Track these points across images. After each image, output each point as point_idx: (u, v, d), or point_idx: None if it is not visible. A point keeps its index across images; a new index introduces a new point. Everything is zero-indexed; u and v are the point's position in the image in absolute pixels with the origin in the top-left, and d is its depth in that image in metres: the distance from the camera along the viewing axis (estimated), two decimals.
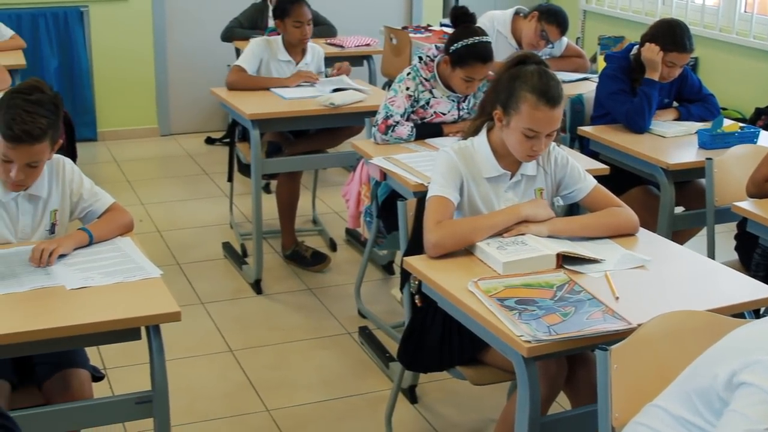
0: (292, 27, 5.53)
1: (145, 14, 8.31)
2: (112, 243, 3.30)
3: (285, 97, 5.35)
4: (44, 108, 3.10)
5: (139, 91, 8.48)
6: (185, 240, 6.11)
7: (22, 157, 3.09)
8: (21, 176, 3.13)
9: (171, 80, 8.55)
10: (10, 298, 2.90)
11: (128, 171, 7.55)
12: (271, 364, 4.59)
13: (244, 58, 5.66)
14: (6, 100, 3.11)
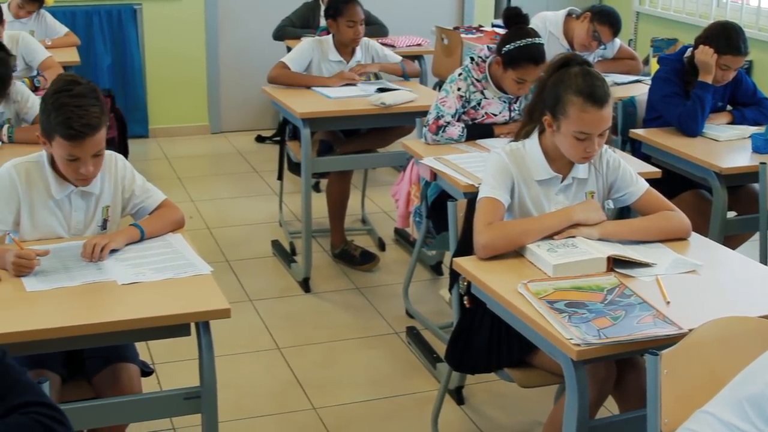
0: (344, 27, 5.54)
1: (198, 12, 8.37)
2: (163, 239, 3.32)
3: (330, 96, 5.36)
4: (90, 98, 3.12)
5: (191, 89, 8.53)
6: (235, 237, 6.14)
7: (89, 149, 3.12)
8: (90, 168, 3.16)
9: (222, 78, 8.60)
10: (62, 293, 2.92)
11: (179, 168, 7.60)
12: (318, 362, 4.60)
13: (292, 56, 5.68)
14: (50, 102, 3.12)
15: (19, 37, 5.97)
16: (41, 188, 3.26)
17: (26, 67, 5.93)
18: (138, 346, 3.41)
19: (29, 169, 3.27)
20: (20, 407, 2.02)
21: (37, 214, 3.28)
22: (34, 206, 3.26)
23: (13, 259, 2.99)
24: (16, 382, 2.07)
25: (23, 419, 2.00)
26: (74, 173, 3.18)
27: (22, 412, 2.01)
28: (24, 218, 3.26)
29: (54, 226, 3.31)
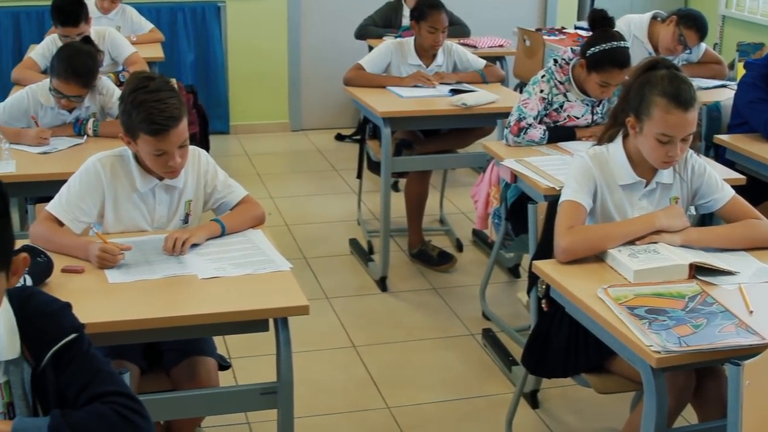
0: (425, 31, 5.52)
1: (280, 10, 8.43)
2: (244, 235, 3.34)
3: (402, 95, 5.35)
4: (166, 90, 3.16)
5: (272, 87, 8.60)
6: (313, 235, 6.17)
7: (174, 141, 3.16)
8: (178, 160, 3.20)
9: (303, 76, 8.65)
10: (144, 285, 2.96)
11: (259, 164, 7.66)
12: (393, 361, 4.60)
13: (370, 57, 5.68)
14: (130, 101, 3.16)
15: (105, 32, 6.05)
16: (125, 182, 3.31)
17: (112, 62, 6.02)
18: (215, 340, 3.44)
19: (114, 162, 3.31)
20: (101, 396, 2.05)
21: (121, 207, 3.32)
22: (118, 199, 3.31)
23: (97, 252, 3.04)
24: (99, 371, 2.10)
25: (103, 408, 2.03)
26: (163, 167, 3.22)
27: (103, 401, 2.04)
28: (108, 211, 3.31)
29: (137, 219, 3.35)
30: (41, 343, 2.09)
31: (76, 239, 3.20)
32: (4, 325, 2.07)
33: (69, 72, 4.37)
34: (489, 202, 4.64)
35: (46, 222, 3.22)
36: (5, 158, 4.19)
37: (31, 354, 2.10)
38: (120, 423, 2.02)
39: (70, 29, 5.58)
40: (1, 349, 2.08)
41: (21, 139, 4.42)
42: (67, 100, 4.46)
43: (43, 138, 4.42)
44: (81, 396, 2.06)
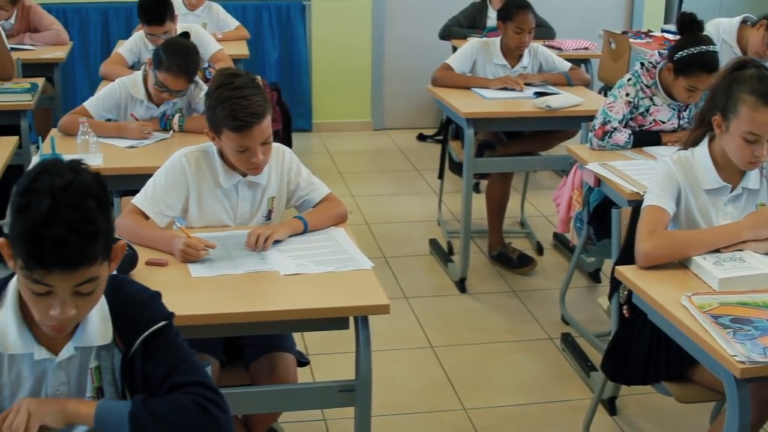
0: (512, 32, 5.50)
1: (365, 10, 8.46)
2: (326, 232, 3.36)
3: (486, 97, 5.33)
4: (251, 87, 3.19)
5: (355, 86, 8.63)
6: (393, 234, 6.17)
7: (257, 138, 3.18)
8: (261, 156, 3.22)
9: (386, 76, 8.66)
10: (226, 280, 2.99)
11: (340, 163, 7.69)
12: (470, 363, 4.59)
13: (456, 57, 5.68)
14: (215, 97, 3.20)
15: (192, 29, 6.11)
16: (209, 177, 3.34)
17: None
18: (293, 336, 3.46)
19: (199, 157, 3.35)
20: (183, 386, 2.09)
21: (205, 202, 3.36)
22: (202, 194, 3.35)
23: (181, 246, 3.07)
24: (184, 360, 2.14)
25: (184, 398, 2.06)
26: (246, 163, 3.25)
27: (184, 391, 2.08)
28: (192, 206, 3.35)
29: (220, 214, 3.38)
30: (132, 330, 2.14)
31: (161, 232, 3.24)
32: (97, 312, 2.12)
33: (180, 67, 4.44)
34: (571, 205, 4.61)
35: (132, 215, 3.27)
36: (93, 151, 4.26)
37: (122, 340, 2.15)
38: (199, 414, 2.05)
39: (155, 27, 5.67)
40: (95, 335, 2.13)
41: (122, 132, 4.50)
42: (169, 93, 4.53)
43: (145, 131, 4.49)
44: (164, 383, 2.10)
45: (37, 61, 6.51)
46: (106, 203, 1.99)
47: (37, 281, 1.93)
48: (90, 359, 2.16)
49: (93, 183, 1.97)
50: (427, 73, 5.71)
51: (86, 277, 1.95)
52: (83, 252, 1.91)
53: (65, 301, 1.97)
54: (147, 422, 2.04)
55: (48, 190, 1.90)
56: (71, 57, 7.52)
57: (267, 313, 2.85)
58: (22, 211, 1.90)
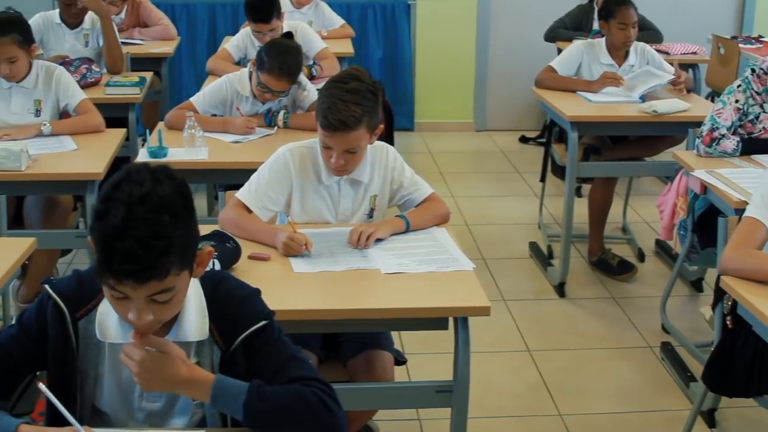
0: (615, 29, 5.44)
1: (470, 10, 8.44)
2: (428, 232, 3.36)
3: (591, 100, 5.27)
4: (361, 96, 3.17)
5: (458, 86, 8.62)
6: (492, 236, 6.15)
7: (340, 144, 3.20)
8: (340, 162, 3.23)
9: (490, 77, 8.64)
10: (327, 276, 3.01)
11: (441, 163, 7.69)
12: (567, 368, 4.55)
13: (560, 59, 5.63)
14: (326, 87, 3.23)
15: (298, 27, 6.18)
16: (312, 173, 3.37)
17: (303, 56, 6.12)
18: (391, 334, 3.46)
19: (303, 153, 3.37)
20: (300, 380, 2.09)
21: (308, 197, 3.38)
22: (305, 190, 3.37)
23: (284, 239, 3.10)
24: (292, 358, 2.15)
25: (304, 389, 2.07)
26: (327, 160, 3.28)
27: (303, 384, 2.08)
28: (295, 201, 3.38)
29: (322, 210, 3.41)
30: (232, 328, 2.15)
31: (265, 225, 3.28)
32: (194, 308, 2.14)
33: (282, 69, 4.48)
34: (675, 212, 4.53)
35: (236, 208, 3.31)
36: (198, 145, 4.32)
37: (221, 337, 2.16)
38: (319, 406, 2.06)
39: (262, 25, 5.74)
40: (191, 331, 2.14)
41: (228, 127, 4.57)
42: (271, 94, 4.58)
43: (250, 127, 4.55)
44: (275, 380, 2.10)
45: (146, 55, 6.63)
46: (184, 215, 1.97)
47: (112, 287, 1.95)
48: (189, 355, 2.18)
49: (172, 195, 1.95)
50: (531, 74, 5.68)
51: (159, 288, 1.95)
52: (152, 267, 1.91)
53: (141, 308, 1.98)
54: (263, 407, 2.04)
55: (125, 200, 1.90)
56: (178, 52, 7.65)
57: (367, 311, 2.86)
58: (100, 219, 1.91)
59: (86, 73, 5.59)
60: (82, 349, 2.19)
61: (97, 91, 5.46)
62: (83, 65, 5.62)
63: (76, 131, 4.60)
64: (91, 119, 4.68)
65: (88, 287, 2.16)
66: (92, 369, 2.21)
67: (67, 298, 2.16)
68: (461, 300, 2.89)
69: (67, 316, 2.15)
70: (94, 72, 5.65)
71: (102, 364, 2.20)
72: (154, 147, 4.26)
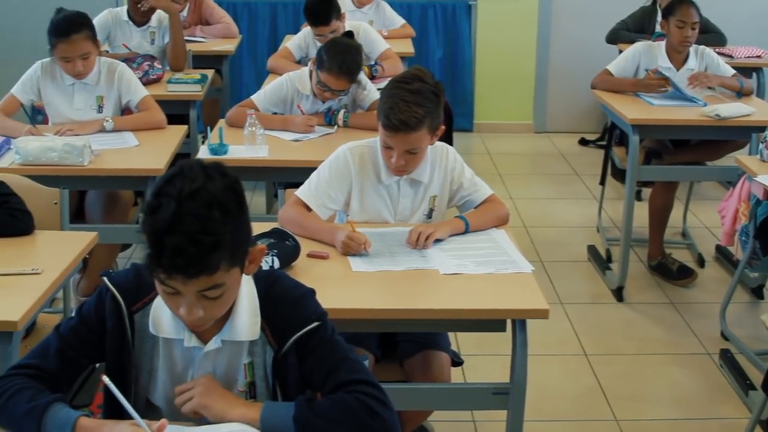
0: (674, 26, 5.35)
1: (532, 11, 8.41)
2: (487, 234, 3.35)
3: (653, 103, 5.21)
4: (423, 97, 3.17)
5: (518, 87, 8.59)
6: (551, 238, 6.13)
7: (401, 144, 3.20)
8: (401, 162, 3.24)
9: (550, 78, 8.60)
10: (386, 276, 3.01)
11: (500, 164, 7.66)
12: (624, 373, 4.52)
13: (617, 61, 5.57)
14: (388, 87, 3.24)
15: (360, 27, 6.19)
16: (372, 172, 3.37)
17: (364, 56, 6.13)
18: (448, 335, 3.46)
19: (363, 152, 3.38)
20: (347, 384, 2.09)
21: (367, 197, 3.39)
22: (364, 189, 3.38)
23: (344, 238, 3.11)
24: (344, 359, 2.14)
25: (349, 398, 2.06)
26: (387, 160, 3.28)
27: (348, 390, 2.08)
28: (354, 200, 3.39)
29: (381, 209, 3.41)
30: (284, 329, 2.15)
31: (324, 223, 3.30)
32: (247, 307, 2.15)
33: (342, 68, 4.49)
34: (737, 218, 4.48)
35: (296, 206, 3.32)
36: (259, 143, 4.34)
37: (274, 337, 2.16)
38: (364, 414, 2.05)
39: (322, 28, 5.77)
40: (243, 330, 2.15)
41: (288, 125, 4.60)
42: (331, 93, 4.59)
43: (310, 125, 4.57)
44: (326, 383, 2.11)
45: (207, 53, 6.68)
46: (235, 212, 1.98)
47: (162, 282, 1.97)
48: (242, 354, 2.20)
49: (223, 191, 1.96)
50: (593, 76, 5.63)
51: (209, 284, 1.97)
52: (202, 262, 1.92)
53: (191, 303, 1.99)
54: (313, 424, 2.04)
55: (176, 195, 1.91)
56: (239, 50, 7.69)
57: (425, 311, 2.86)
58: (151, 213, 1.93)
59: (148, 70, 5.64)
60: (137, 342, 2.21)
61: (159, 88, 5.51)
62: (146, 62, 5.68)
63: (138, 127, 4.65)
64: (153, 116, 4.73)
65: (145, 281, 2.18)
66: (147, 362, 2.23)
67: (124, 290, 2.18)
68: (520, 302, 2.88)
69: (124, 309, 2.18)
70: (156, 69, 5.70)
71: (156, 357, 2.22)
72: (215, 144, 4.29)
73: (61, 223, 3.58)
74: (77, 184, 4.29)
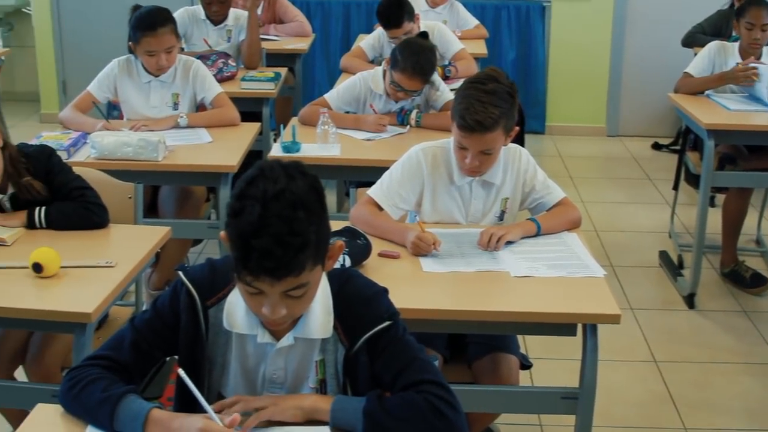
0: (744, 28, 5.27)
1: (606, 13, 8.34)
2: (559, 237, 3.33)
3: (729, 108, 5.13)
4: (498, 98, 3.17)
5: (591, 90, 8.53)
6: (621, 243, 6.07)
7: (475, 145, 3.20)
8: (475, 163, 3.24)
9: (624, 81, 8.52)
10: (456, 277, 3.01)
11: (572, 167, 7.62)
12: (694, 381, 4.46)
13: (694, 63, 5.48)
14: (463, 88, 3.24)
15: (435, 28, 6.20)
16: (444, 173, 3.37)
17: (438, 56, 6.13)
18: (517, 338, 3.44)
19: (436, 153, 3.39)
20: (417, 384, 2.09)
21: (438, 197, 3.39)
22: (436, 190, 3.38)
23: (413, 239, 3.11)
24: (414, 359, 2.14)
25: (418, 398, 2.07)
26: (461, 161, 3.29)
27: (418, 390, 2.08)
28: (425, 200, 3.39)
29: (453, 211, 3.41)
30: (356, 327, 2.16)
31: (395, 224, 3.30)
32: (320, 305, 2.15)
33: (415, 69, 4.50)
34: None
35: (368, 206, 3.33)
36: (331, 141, 4.37)
37: (346, 336, 2.17)
38: (431, 415, 2.05)
39: (394, 31, 5.79)
40: (316, 328, 2.16)
41: (360, 125, 4.62)
42: (404, 93, 4.60)
43: (382, 125, 4.58)
44: (396, 382, 2.11)
45: (281, 51, 6.72)
46: (318, 211, 1.99)
47: (248, 284, 1.98)
48: (314, 351, 2.20)
49: (306, 191, 1.97)
50: (667, 80, 5.59)
51: (294, 284, 1.97)
52: (289, 264, 1.92)
53: (275, 303, 2.00)
54: (381, 419, 2.04)
55: (260, 197, 1.92)
56: (312, 49, 7.72)
57: (496, 313, 2.85)
58: (235, 216, 1.94)
59: (223, 67, 5.70)
60: (211, 337, 2.22)
61: (233, 86, 5.56)
62: (220, 59, 5.73)
63: (211, 124, 4.69)
64: (226, 113, 4.77)
65: (220, 276, 2.20)
66: (220, 356, 2.24)
67: (199, 285, 2.20)
68: (591, 307, 2.86)
69: (198, 304, 2.19)
70: (230, 66, 5.76)
71: (229, 352, 2.24)
72: (288, 142, 4.32)
73: (135, 217, 3.63)
74: (151, 179, 4.33)
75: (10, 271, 2.98)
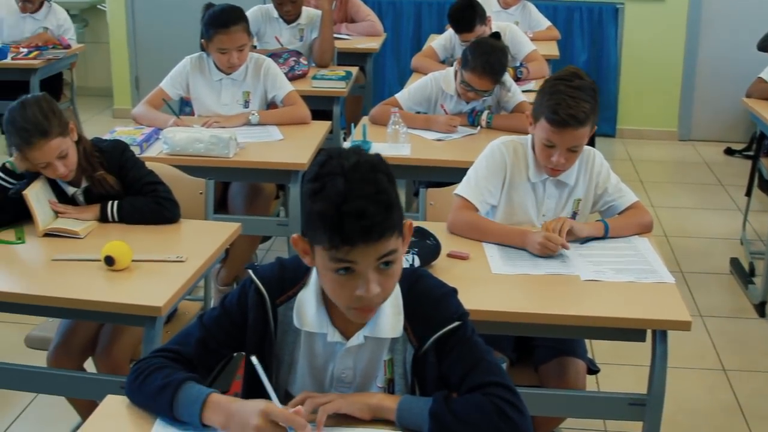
0: None
1: (680, 15, 8.25)
2: (628, 241, 3.30)
3: None
4: (586, 93, 3.17)
5: (664, 93, 8.44)
6: (692, 249, 6.00)
7: (566, 141, 3.19)
8: (561, 160, 3.23)
9: (698, 85, 8.42)
10: (525, 279, 3.00)
11: (642, 171, 7.55)
12: (764, 391, 4.40)
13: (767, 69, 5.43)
14: (548, 86, 3.23)
15: (507, 29, 6.18)
16: (523, 167, 3.39)
17: (510, 57, 6.11)
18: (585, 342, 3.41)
19: (516, 146, 3.41)
20: (483, 386, 2.08)
21: (515, 190, 3.40)
22: (513, 182, 3.39)
23: (540, 239, 3.12)
24: (481, 360, 2.13)
25: (484, 400, 2.06)
26: (546, 159, 3.27)
27: (484, 392, 2.07)
28: (503, 193, 3.40)
29: (527, 206, 3.41)
30: (425, 327, 2.15)
31: (508, 227, 3.31)
32: (391, 305, 2.15)
33: (486, 69, 4.50)
34: None
35: (466, 211, 3.34)
36: (402, 141, 4.38)
37: (415, 336, 2.16)
38: (496, 417, 2.04)
39: (466, 35, 5.77)
40: (386, 327, 2.16)
41: (431, 125, 4.63)
42: (474, 93, 4.59)
43: (452, 125, 4.58)
44: (464, 383, 2.10)
45: (352, 50, 6.75)
46: (393, 178, 2.01)
47: (341, 260, 1.96)
48: (383, 351, 2.20)
49: (379, 161, 2.00)
50: (741, 84, 5.51)
51: (387, 249, 1.97)
52: (383, 222, 1.93)
53: (369, 279, 1.98)
54: (447, 420, 2.03)
55: (339, 171, 1.93)
56: (383, 48, 7.74)
57: (565, 317, 2.82)
58: (318, 193, 1.94)
59: (294, 65, 5.73)
60: (279, 335, 2.23)
61: (304, 84, 5.60)
62: (292, 58, 5.77)
63: (282, 122, 4.72)
64: (297, 111, 4.80)
65: (290, 275, 2.21)
66: (288, 355, 2.25)
67: (268, 284, 2.21)
68: (661, 312, 2.82)
69: (268, 302, 2.20)
70: (301, 65, 5.79)
71: (297, 350, 2.24)
72: (359, 141, 4.34)
73: (205, 212, 3.67)
74: (222, 175, 4.36)
75: (82, 264, 3.03)
